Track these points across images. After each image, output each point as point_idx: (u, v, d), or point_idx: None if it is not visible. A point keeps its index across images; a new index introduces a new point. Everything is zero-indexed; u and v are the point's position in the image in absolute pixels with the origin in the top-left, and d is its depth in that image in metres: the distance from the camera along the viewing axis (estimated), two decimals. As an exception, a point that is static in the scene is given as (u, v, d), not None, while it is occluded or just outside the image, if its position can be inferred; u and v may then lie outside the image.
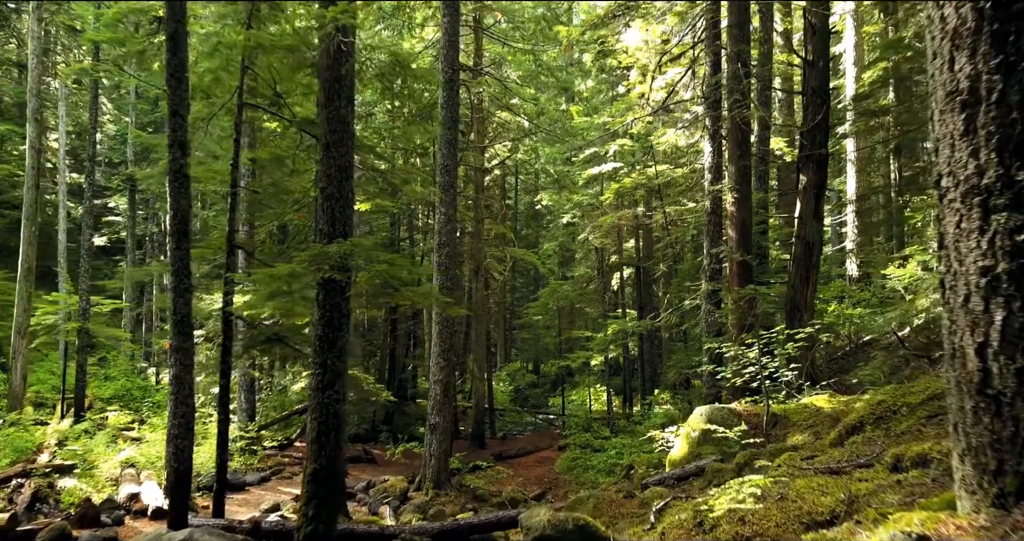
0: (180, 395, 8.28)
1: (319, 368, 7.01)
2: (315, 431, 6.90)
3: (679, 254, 22.59)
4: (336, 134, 7.26)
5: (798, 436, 7.71)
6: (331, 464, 6.85)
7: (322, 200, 7.15)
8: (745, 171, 13.19)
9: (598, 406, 26.29)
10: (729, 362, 10.14)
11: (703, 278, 14.12)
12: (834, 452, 5.09)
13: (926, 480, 3.23)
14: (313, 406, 6.97)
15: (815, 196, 12.49)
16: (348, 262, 6.69)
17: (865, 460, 4.37)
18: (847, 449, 5.09)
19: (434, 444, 14.46)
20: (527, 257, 24.42)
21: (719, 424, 8.59)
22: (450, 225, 14.73)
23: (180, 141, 8.42)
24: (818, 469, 4.44)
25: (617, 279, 27.12)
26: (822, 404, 8.50)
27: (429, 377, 14.98)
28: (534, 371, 36.95)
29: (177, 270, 8.35)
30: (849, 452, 4.84)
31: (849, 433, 5.76)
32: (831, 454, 5.10)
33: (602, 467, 16.65)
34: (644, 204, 23.82)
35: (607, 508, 7.35)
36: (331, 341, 6.99)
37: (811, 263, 12.43)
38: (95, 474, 13.20)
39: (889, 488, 3.27)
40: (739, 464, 7.06)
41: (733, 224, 13.09)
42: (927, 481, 3.21)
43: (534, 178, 39.63)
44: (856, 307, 20.15)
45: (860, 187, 24.07)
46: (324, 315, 6.99)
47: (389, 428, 24.70)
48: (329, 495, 6.82)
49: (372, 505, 13.23)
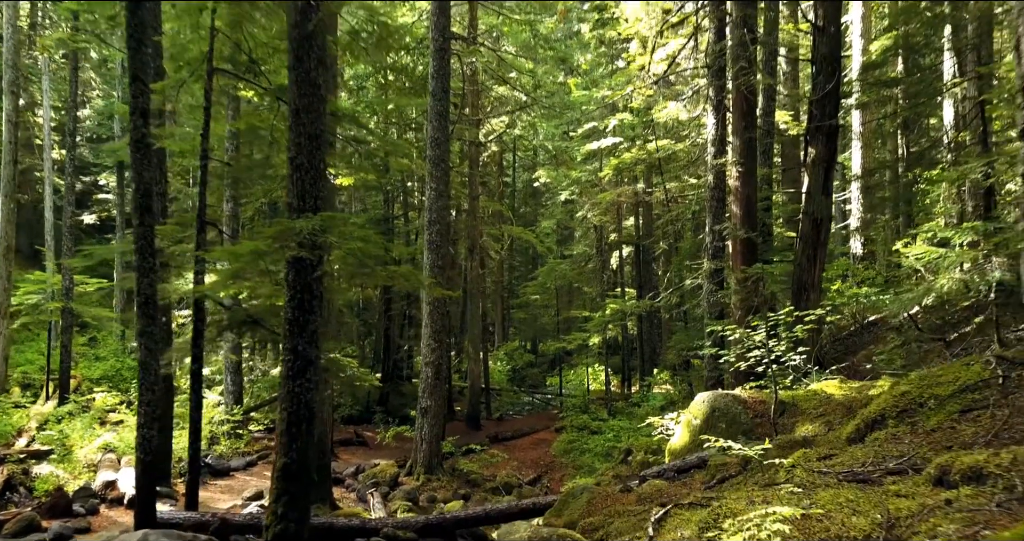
0: (146, 382, 7.71)
1: (289, 354, 6.43)
2: (284, 423, 6.34)
3: (679, 232, 21.97)
4: (306, 98, 6.61)
5: (808, 426, 7.17)
6: (302, 458, 6.30)
7: (291, 171, 6.52)
8: (750, 144, 12.53)
9: (596, 386, 25.83)
10: (732, 345, 9.57)
11: (705, 257, 13.51)
12: (855, 451, 4.53)
13: (986, 503, 2.67)
14: (283, 396, 6.41)
15: (824, 170, 11.86)
16: (318, 239, 6.10)
17: (896, 465, 3.81)
18: (869, 448, 4.53)
19: (425, 428, 13.98)
20: (524, 235, 23.81)
21: (723, 412, 8.06)
22: (441, 201, 14.10)
23: (142, 108, 7.77)
24: (841, 475, 3.88)
25: (616, 258, 26.52)
26: (833, 391, 7.96)
27: (421, 359, 14.44)
28: (532, 350, 36.52)
29: (141, 248, 7.75)
30: (873, 452, 4.28)
31: (869, 428, 5.20)
32: (852, 453, 4.53)
33: (599, 450, 16.20)
34: (644, 180, 23.15)
35: (601, 504, 6.82)
36: (302, 325, 6.41)
37: (819, 240, 11.83)
38: (73, 459, 12.70)
39: (938, 510, 2.72)
40: (745, 458, 6.52)
41: (737, 200, 12.46)
42: (989, 505, 2.65)
43: (532, 155, 38.90)
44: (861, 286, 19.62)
45: (866, 162, 23.40)
46: (294, 296, 6.40)
47: (384, 409, 24.26)
48: (301, 491, 6.29)
49: (360, 491, 12.77)
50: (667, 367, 24.31)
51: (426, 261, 14.08)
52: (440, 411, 14.46)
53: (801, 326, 8.20)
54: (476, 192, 21.17)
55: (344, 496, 12.75)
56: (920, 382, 5.27)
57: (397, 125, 23.99)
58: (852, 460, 4.21)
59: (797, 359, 8.82)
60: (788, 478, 4.30)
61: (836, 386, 8.11)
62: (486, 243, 23.83)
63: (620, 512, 6.19)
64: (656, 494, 6.70)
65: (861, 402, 7.22)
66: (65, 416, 16.82)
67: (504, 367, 32.08)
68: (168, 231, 9.09)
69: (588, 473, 15.06)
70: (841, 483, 3.60)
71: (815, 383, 8.68)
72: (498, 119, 24.35)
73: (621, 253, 26.16)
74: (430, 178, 14.07)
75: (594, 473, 14.26)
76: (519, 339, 39.16)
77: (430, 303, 13.87)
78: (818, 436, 6.49)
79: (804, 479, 3.95)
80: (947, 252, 7.30)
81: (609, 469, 14.20)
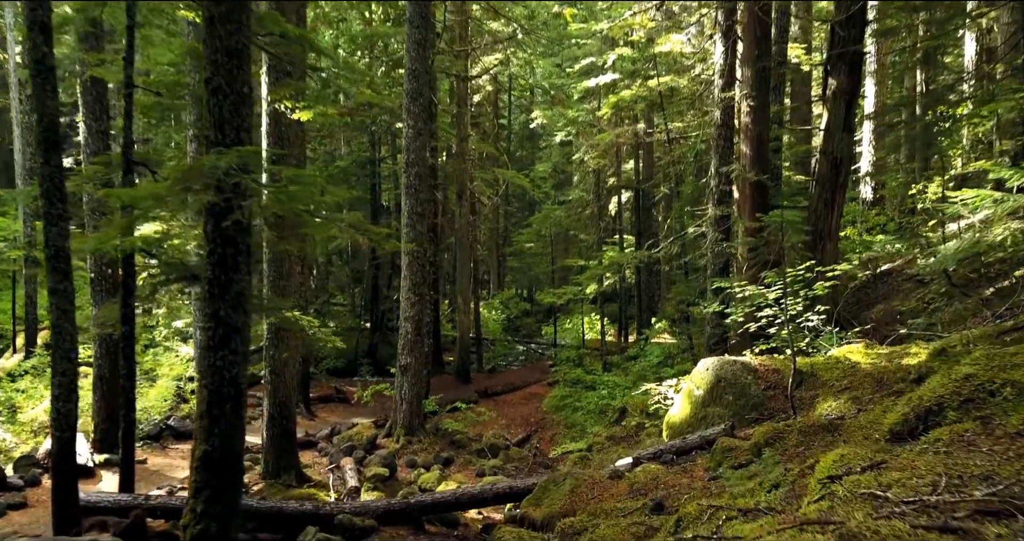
0: (60, 348, 6.63)
1: (209, 321, 5.31)
2: (205, 402, 5.27)
3: (681, 175, 20.62)
4: (223, 5, 5.31)
5: (831, 402, 6.10)
6: (226, 445, 5.25)
7: (207, 96, 5.27)
8: (763, 74, 11.16)
9: (592, 335, 24.89)
10: (739, 304, 8.44)
11: (709, 202, 12.24)
12: (913, 458, 3.43)
13: None
14: (203, 370, 5.31)
15: (846, 103, 10.54)
16: (234, 181, 4.89)
17: (985, 494, 2.71)
18: (933, 456, 3.43)
19: (406, 387, 13.00)
20: (516, 179, 22.45)
21: (730, 382, 6.99)
22: (420, 140, 12.78)
23: (40, 22, 6.45)
24: (907, 504, 2.78)
25: (615, 203, 25.22)
26: (858, 358, 6.87)
27: (399, 314, 13.37)
28: (528, 299, 35.55)
29: (47, 192, 6.53)
30: (942, 466, 3.17)
31: (922, 420, 4.10)
32: (909, 461, 3.43)
33: (592, 408, 15.29)
34: (645, 121, 21.67)
35: (587, 494, 5.80)
36: (224, 286, 5.27)
37: (837, 183, 10.61)
38: (22, 421, 11.74)
39: None
40: (757, 443, 5.46)
41: (747, 138, 11.16)
42: None
43: (530, 95, 37.12)
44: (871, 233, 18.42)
45: (881, 100, 21.90)
46: (214, 251, 5.24)
47: (371, 361, 23.37)
48: (226, 485, 5.26)
49: (334, 456, 11.85)
50: (666, 318, 23.33)
51: (404, 207, 12.86)
52: (421, 369, 13.45)
53: (822, 283, 7.07)
54: (465, 132, 19.74)
55: (316, 462, 11.84)
56: (988, 363, 4.15)
57: (384, 62, 22.31)
58: (915, 478, 3.11)
59: (815, 320, 7.72)
60: (825, 500, 3.21)
61: (861, 352, 7.01)
62: (477, 187, 22.50)
63: (608, 511, 5.17)
64: (651, 483, 5.68)
65: (894, 374, 6.13)
66: (30, 371, 15.90)
67: (499, 316, 31.14)
68: (91, 172, 7.85)
69: (580, 433, 14.18)
70: (915, 530, 2.50)
71: (836, 349, 7.59)
72: (491, 56, 22.68)
73: (620, 198, 24.85)
74: (407, 114, 12.71)
75: (586, 436, 13.38)
76: (515, 287, 38.16)
77: (408, 253, 12.71)
78: (847, 419, 5.42)
79: (847, 507, 2.88)
80: (1003, 197, 6.11)
81: (602, 432, 13.29)
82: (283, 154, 9.52)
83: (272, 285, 9.81)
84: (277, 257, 9.73)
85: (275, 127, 9.72)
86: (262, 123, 9.86)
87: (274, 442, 10.02)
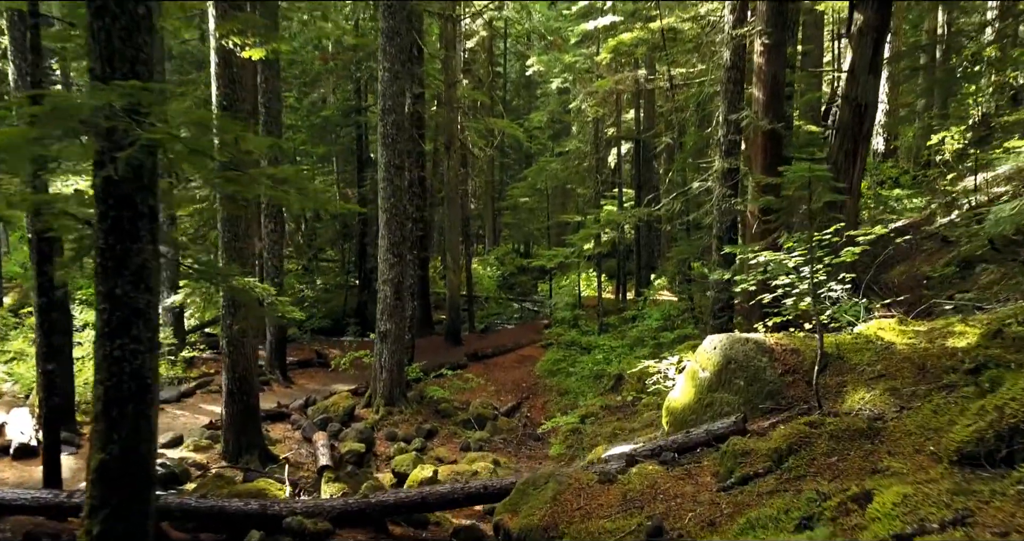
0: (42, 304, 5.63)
1: (104, 302, 4.29)
2: (101, 402, 4.29)
3: (684, 124, 19.34)
4: None
5: (863, 393, 5.12)
6: (128, 453, 4.29)
7: (88, 18, 4.15)
8: (780, 8, 9.89)
9: (589, 292, 23.91)
10: (751, 270, 7.37)
11: (716, 153, 11.05)
12: (1014, 508, 2.46)
13: None
14: (98, 362, 4.33)
15: (874, 42, 9.34)
16: (124, 124, 3.82)
17: None
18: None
19: (386, 354, 12.08)
20: (509, 129, 21.20)
21: (740, 365, 6.01)
22: (397, 85, 11.56)
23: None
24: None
25: (614, 155, 23.96)
26: (891, 336, 5.87)
27: (377, 276, 12.36)
28: (524, 254, 34.45)
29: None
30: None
31: (1005, 441, 3.11)
32: (1001, 510, 2.46)
33: (587, 373, 14.41)
34: (646, 66, 20.27)
35: (572, 503, 4.87)
36: (120, 257, 4.23)
37: (860, 132, 9.49)
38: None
39: None
40: (778, 449, 4.50)
41: (761, 81, 9.95)
42: None
43: (527, 41, 35.36)
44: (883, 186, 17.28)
45: (896, 45, 20.48)
46: (106, 215, 4.19)
47: (359, 321, 22.44)
48: (130, 500, 4.32)
49: (307, 429, 10.99)
50: (666, 275, 22.35)
51: (381, 160, 11.72)
52: (402, 334, 12.52)
53: (850, 249, 6.02)
54: (453, 78, 18.40)
55: (287, 436, 10.98)
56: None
57: (370, 2, 20.69)
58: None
59: (839, 289, 6.72)
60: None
61: (894, 329, 6.01)
62: (468, 138, 21.23)
63: (595, 534, 4.24)
64: (649, 492, 4.75)
65: (939, 359, 5.15)
66: (-9, 331, 14.99)
67: (494, 273, 30.14)
68: None
69: (573, 402, 13.34)
70: None
71: (861, 323, 6.60)
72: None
73: (619, 150, 23.59)
74: (383, 55, 11.47)
75: (579, 406, 12.52)
76: (512, 243, 37.02)
77: (386, 210, 11.63)
78: (888, 420, 4.44)
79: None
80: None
81: (596, 401, 12.44)
82: (234, 100, 8.36)
83: (226, 248, 8.78)
84: (232, 216, 8.68)
85: (225, 67, 8.53)
86: (210, 63, 8.69)
87: (234, 420, 9.14)
